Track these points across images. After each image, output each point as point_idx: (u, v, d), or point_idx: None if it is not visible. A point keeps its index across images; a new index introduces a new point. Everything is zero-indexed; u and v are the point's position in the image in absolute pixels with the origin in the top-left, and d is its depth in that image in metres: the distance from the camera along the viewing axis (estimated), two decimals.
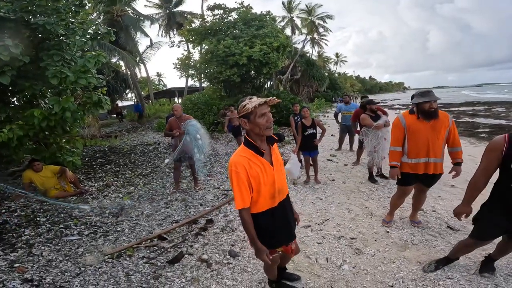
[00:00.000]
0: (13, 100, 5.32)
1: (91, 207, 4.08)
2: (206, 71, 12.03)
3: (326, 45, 35.41)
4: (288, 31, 27.67)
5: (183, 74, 13.90)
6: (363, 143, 4.91)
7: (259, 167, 1.57)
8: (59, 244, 3.13)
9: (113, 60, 17.91)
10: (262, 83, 14.01)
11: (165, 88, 35.02)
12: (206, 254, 2.79)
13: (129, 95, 26.62)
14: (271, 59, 10.71)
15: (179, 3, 23.07)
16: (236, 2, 12.84)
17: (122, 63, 19.68)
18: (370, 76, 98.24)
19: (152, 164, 6.65)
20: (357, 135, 5.43)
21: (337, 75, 44.46)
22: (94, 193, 4.79)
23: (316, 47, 34.30)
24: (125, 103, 25.50)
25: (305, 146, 4.64)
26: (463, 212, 2.03)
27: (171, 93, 30.03)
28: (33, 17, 4.39)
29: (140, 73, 24.41)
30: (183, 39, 14.43)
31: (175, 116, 4.44)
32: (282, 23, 27.27)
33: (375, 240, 2.88)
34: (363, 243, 2.85)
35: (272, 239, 1.71)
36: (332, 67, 49.23)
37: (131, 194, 4.69)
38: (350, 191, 4.34)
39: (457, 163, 2.72)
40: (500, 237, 2.11)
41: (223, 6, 12.57)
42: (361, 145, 5.42)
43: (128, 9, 17.92)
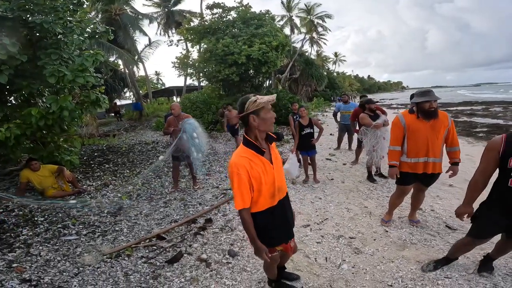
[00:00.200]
0: (10, 99, 5.28)
1: (80, 203, 4.04)
2: (205, 70, 12.01)
3: (325, 44, 35.40)
4: (287, 30, 27.65)
5: (181, 73, 13.89)
6: (362, 142, 4.92)
7: (260, 167, 1.57)
8: (57, 244, 3.11)
9: (111, 59, 17.82)
10: (261, 82, 13.99)
11: (163, 87, 34.94)
12: (205, 253, 2.78)
13: (127, 93, 26.54)
14: (270, 58, 10.70)
15: (178, 2, 23.01)
16: (235, 1, 12.82)
17: (120, 62, 19.60)
18: (369, 76, 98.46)
19: (151, 163, 6.62)
20: (356, 134, 5.44)
21: (335, 74, 44.51)
22: (92, 192, 4.77)
23: (315, 46, 34.27)
24: (123, 102, 25.41)
25: (303, 146, 4.64)
26: (464, 213, 2.03)
27: (170, 92, 29.98)
28: (30, 16, 4.36)
29: (139, 72, 24.35)
30: (182, 38, 14.39)
31: (173, 115, 4.43)
32: (281, 22, 27.22)
33: (374, 240, 2.88)
34: (362, 242, 2.85)
35: (272, 237, 1.72)
36: (331, 66, 49.36)
37: (129, 194, 4.67)
38: (349, 191, 4.34)
39: (454, 163, 2.73)
40: (499, 236, 2.11)
41: (222, 5, 12.53)
42: (360, 144, 5.43)
43: (126, 8, 17.84)
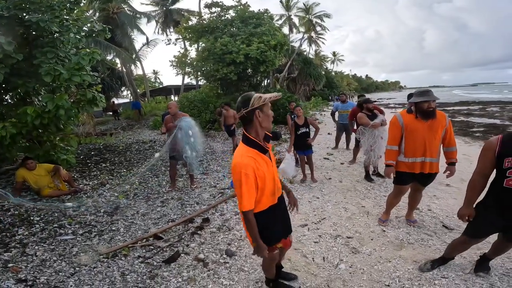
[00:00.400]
0: (6, 97, 5.25)
1: (77, 204, 4.01)
2: (203, 69, 11.97)
3: (323, 43, 35.35)
4: (286, 30, 27.62)
5: (179, 72, 13.84)
6: (359, 141, 4.92)
7: (264, 166, 1.58)
8: (53, 244, 3.09)
9: (109, 57, 17.73)
10: (259, 81, 13.97)
11: (161, 86, 34.83)
12: (202, 253, 2.77)
13: (124, 92, 26.43)
14: (268, 57, 10.69)
15: (176, 0, 22.89)
16: (233, 0, 12.78)
17: (117, 60, 19.50)
18: (367, 75, 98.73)
19: (148, 162, 6.59)
20: (353, 134, 5.45)
21: (334, 73, 44.54)
22: (88, 191, 4.73)
23: (313, 46, 34.34)
24: (120, 101, 25.29)
25: (299, 145, 4.64)
26: (466, 214, 2.03)
27: (168, 90, 29.90)
28: (27, 14, 4.33)
29: (136, 71, 24.22)
30: (180, 36, 14.31)
31: (170, 114, 4.41)
32: (280, 21, 27.20)
33: (372, 239, 2.89)
34: (359, 242, 2.85)
35: (274, 234, 1.75)
36: (329, 65, 49.45)
37: (126, 193, 4.64)
38: (346, 190, 4.35)
39: (451, 163, 2.74)
40: (496, 236, 2.12)
41: (220, 3, 12.49)
42: (357, 144, 5.44)
43: (124, 6, 17.74)
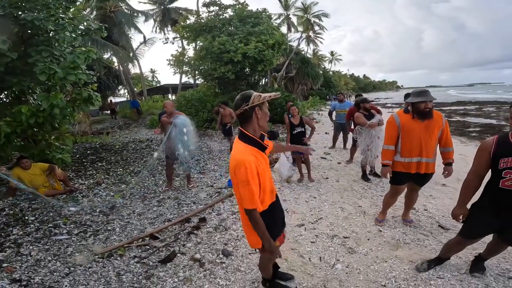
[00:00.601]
0: (0, 96, 5.19)
1: (80, 206, 3.99)
2: (201, 67, 11.92)
3: (321, 43, 35.48)
4: (284, 29, 27.64)
5: (177, 71, 13.75)
6: (356, 141, 4.93)
7: (263, 163, 1.58)
8: (48, 244, 3.06)
9: (106, 56, 17.62)
10: (256, 80, 13.94)
11: (158, 85, 34.69)
12: (199, 253, 2.76)
13: (121, 91, 26.27)
14: (266, 57, 10.67)
15: None
16: None
17: (114, 59, 19.38)
18: (364, 75, 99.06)
19: (145, 161, 6.56)
20: (351, 133, 5.46)
21: (331, 73, 44.63)
22: (84, 191, 4.70)
23: (311, 45, 34.35)
24: (117, 100, 25.16)
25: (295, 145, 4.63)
26: (459, 214, 2.04)
27: (165, 89, 29.79)
28: (22, 13, 4.29)
29: (134, 69, 24.08)
30: (178, 35, 14.25)
31: (166, 113, 4.39)
32: (278, 21, 27.19)
33: (368, 239, 2.89)
34: (356, 242, 2.86)
35: (273, 233, 1.75)
36: (327, 65, 49.43)
37: (122, 192, 4.61)
38: (343, 190, 4.35)
39: (448, 163, 2.75)
40: (490, 237, 2.13)
41: (218, 2, 12.44)
42: (354, 143, 5.44)
43: (122, 5, 17.62)
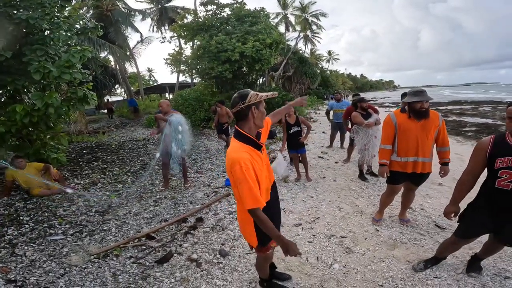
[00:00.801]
0: None
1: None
2: (198, 67, 11.86)
3: (319, 42, 35.62)
4: (282, 28, 27.60)
5: (174, 70, 13.66)
6: (354, 140, 4.94)
7: (258, 162, 1.56)
8: (43, 244, 3.02)
9: (102, 55, 17.48)
10: (254, 80, 13.93)
11: (155, 84, 34.54)
12: (195, 253, 2.74)
13: (118, 90, 26.10)
14: (263, 56, 10.65)
15: None
16: None
17: (111, 58, 19.24)
18: (362, 74, 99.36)
19: (141, 160, 6.52)
20: (348, 133, 5.46)
21: (329, 72, 44.72)
22: (80, 191, 4.65)
23: (309, 45, 34.39)
24: (114, 99, 24.99)
25: (291, 144, 4.64)
26: (451, 212, 2.05)
27: (162, 88, 29.66)
28: (17, 12, 4.25)
29: (132, 68, 23.95)
30: (175, 34, 14.15)
31: (161, 112, 4.34)
32: (276, 20, 27.17)
33: (365, 239, 2.89)
34: (353, 241, 2.86)
35: None
36: (324, 64, 49.58)
37: (118, 192, 4.58)
38: (340, 189, 4.36)
39: (444, 163, 2.75)
40: (486, 236, 2.14)
41: (216, 1, 12.39)
42: (352, 143, 5.46)
43: (118, 3, 17.51)
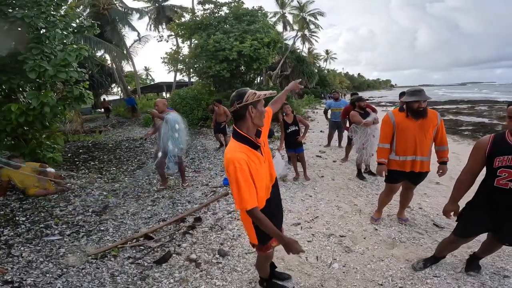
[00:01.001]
0: None
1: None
2: (195, 65, 11.79)
3: (317, 41, 35.52)
4: (280, 27, 27.57)
5: (171, 69, 13.58)
6: (352, 139, 4.95)
7: (256, 162, 1.54)
8: (40, 245, 2.99)
9: (99, 54, 17.37)
10: (252, 79, 13.88)
11: (152, 83, 34.38)
12: (194, 253, 2.73)
13: (115, 89, 25.95)
14: (261, 55, 10.61)
15: None
16: None
17: (107, 56, 19.13)
18: (359, 73, 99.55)
19: (139, 160, 6.48)
20: (346, 132, 5.47)
21: (326, 71, 44.80)
22: (76, 191, 4.61)
23: (307, 44, 34.42)
24: (110, 98, 24.83)
25: (289, 143, 4.63)
26: (450, 211, 2.06)
27: (159, 87, 29.50)
28: (12, 10, 4.21)
29: (129, 67, 23.79)
30: (172, 33, 14.05)
31: (157, 112, 4.24)
32: (274, 19, 27.12)
33: (364, 238, 2.90)
34: (352, 241, 2.86)
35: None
36: (322, 63, 49.63)
37: (115, 192, 4.54)
38: (339, 188, 4.36)
39: (442, 162, 2.76)
40: (485, 236, 2.14)
41: (214, 0, 12.32)
42: (350, 142, 5.46)
43: (115, 2, 17.38)
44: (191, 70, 12.56)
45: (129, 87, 23.42)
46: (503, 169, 1.76)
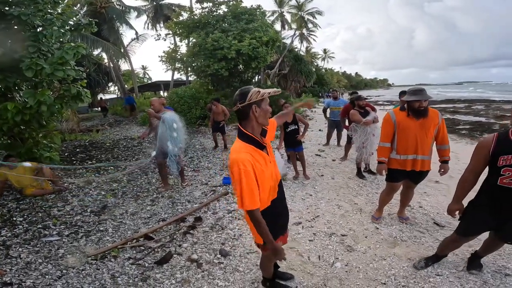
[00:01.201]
0: None
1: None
2: (194, 64, 11.75)
3: (315, 41, 35.54)
4: (278, 26, 27.54)
5: (169, 67, 13.51)
6: (351, 138, 4.95)
7: (261, 162, 1.52)
8: (38, 245, 2.95)
9: (96, 52, 17.24)
10: (250, 78, 13.85)
11: (150, 82, 34.19)
12: (195, 253, 2.71)
13: (112, 88, 25.78)
14: (260, 54, 10.58)
15: None
16: None
17: (104, 55, 18.98)
18: (356, 73, 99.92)
19: (137, 159, 6.43)
20: (345, 130, 5.47)
21: (324, 70, 44.85)
22: (74, 190, 4.56)
23: (305, 43, 34.43)
24: (107, 96, 24.68)
25: (289, 142, 4.62)
26: (455, 210, 2.06)
27: (157, 86, 29.35)
28: (9, 8, 4.16)
29: (126, 65, 23.65)
30: (170, 32, 13.96)
31: (153, 111, 4.15)
32: (272, 18, 27.07)
33: (366, 237, 2.89)
34: (354, 240, 2.85)
35: (277, 230, 1.72)
36: (320, 62, 49.70)
37: (114, 191, 4.50)
38: (339, 187, 4.36)
39: (444, 161, 2.77)
40: (486, 234, 2.15)
41: None
42: (349, 141, 5.46)
43: (113, 0, 17.23)
44: (189, 69, 12.51)
45: (126, 86, 23.27)
46: (507, 168, 1.76)
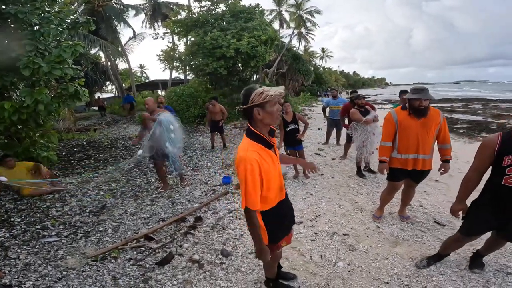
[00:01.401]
0: None
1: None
2: (192, 63, 11.69)
3: (313, 39, 35.55)
4: (276, 25, 27.44)
5: (167, 66, 13.44)
6: (351, 137, 4.94)
7: (269, 161, 1.50)
8: (37, 247, 2.92)
9: (93, 51, 17.09)
10: (248, 76, 13.81)
11: (148, 80, 34.04)
12: (197, 254, 2.69)
13: (109, 87, 25.62)
14: (258, 52, 10.54)
15: None
16: None
17: (102, 54, 18.85)
18: (354, 71, 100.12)
19: (135, 158, 6.38)
20: (344, 129, 5.47)
21: (322, 69, 44.85)
22: (72, 190, 4.51)
23: (303, 42, 34.36)
24: (104, 95, 24.54)
25: (289, 141, 4.61)
26: (459, 210, 2.05)
27: (154, 85, 29.18)
28: (6, 6, 4.11)
29: (124, 64, 23.45)
30: (168, 31, 13.87)
31: (148, 111, 4.07)
32: (270, 17, 26.97)
33: (367, 236, 2.89)
34: (355, 239, 2.85)
35: (282, 230, 1.73)
36: (318, 61, 49.74)
37: (113, 191, 4.47)
38: (339, 186, 4.35)
39: (445, 160, 2.77)
40: (489, 233, 2.15)
41: None
42: (349, 140, 5.45)
43: None
44: (188, 68, 12.44)
45: (124, 84, 23.10)
46: None
